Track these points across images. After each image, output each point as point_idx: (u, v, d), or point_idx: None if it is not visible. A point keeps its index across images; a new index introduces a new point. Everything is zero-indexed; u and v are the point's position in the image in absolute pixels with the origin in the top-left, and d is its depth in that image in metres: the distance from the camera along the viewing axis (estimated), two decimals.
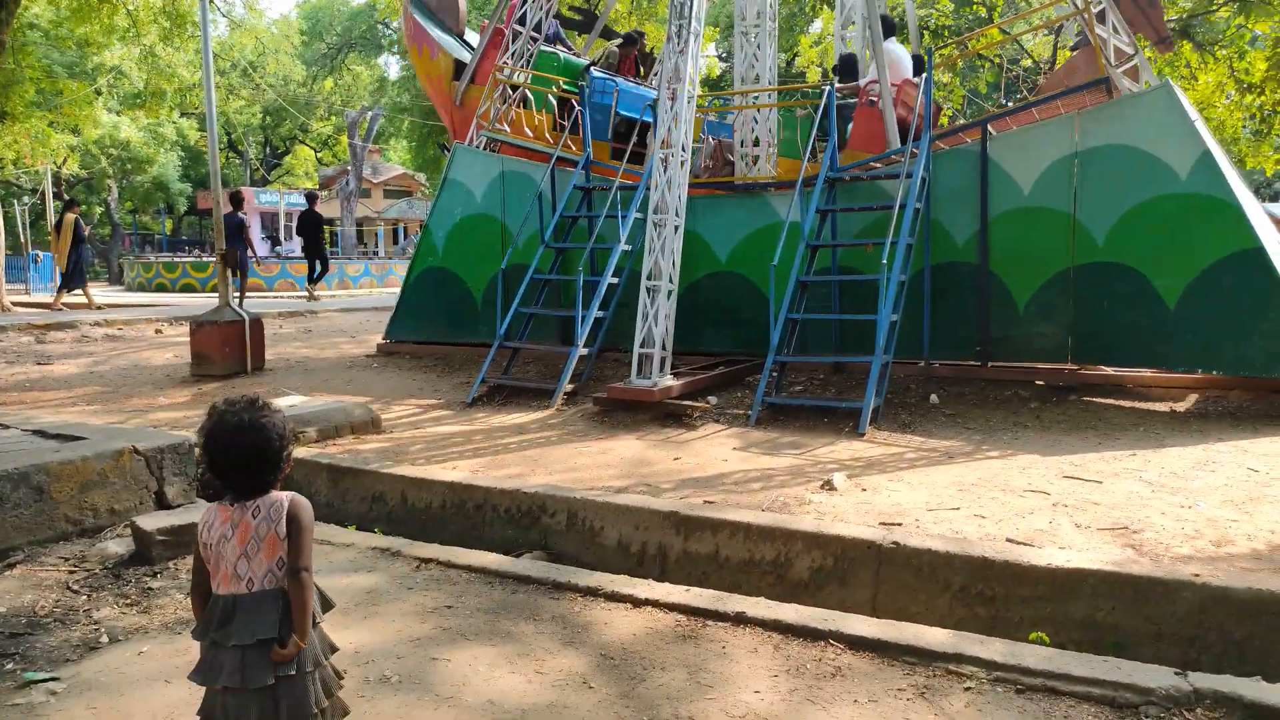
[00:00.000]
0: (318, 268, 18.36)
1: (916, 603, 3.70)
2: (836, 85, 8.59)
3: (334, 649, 2.15)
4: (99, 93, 24.80)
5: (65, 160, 29.98)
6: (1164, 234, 6.64)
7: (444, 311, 9.89)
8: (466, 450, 5.98)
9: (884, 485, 4.81)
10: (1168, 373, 6.86)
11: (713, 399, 7.15)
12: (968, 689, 2.69)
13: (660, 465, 5.47)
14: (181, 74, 21.14)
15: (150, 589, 3.57)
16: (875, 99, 8.56)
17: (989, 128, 7.36)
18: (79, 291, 16.62)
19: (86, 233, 16.76)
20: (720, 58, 35.89)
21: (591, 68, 10.69)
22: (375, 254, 38.31)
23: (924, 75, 7.57)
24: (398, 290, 11.46)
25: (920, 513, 4.29)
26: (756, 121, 8.70)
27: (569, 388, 7.56)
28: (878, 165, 8.04)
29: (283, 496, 2.03)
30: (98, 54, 21.90)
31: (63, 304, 16.36)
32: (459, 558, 3.90)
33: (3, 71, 16.33)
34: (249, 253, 16.60)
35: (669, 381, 7.02)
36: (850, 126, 8.92)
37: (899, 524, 4.12)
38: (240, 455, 1.98)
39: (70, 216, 16.47)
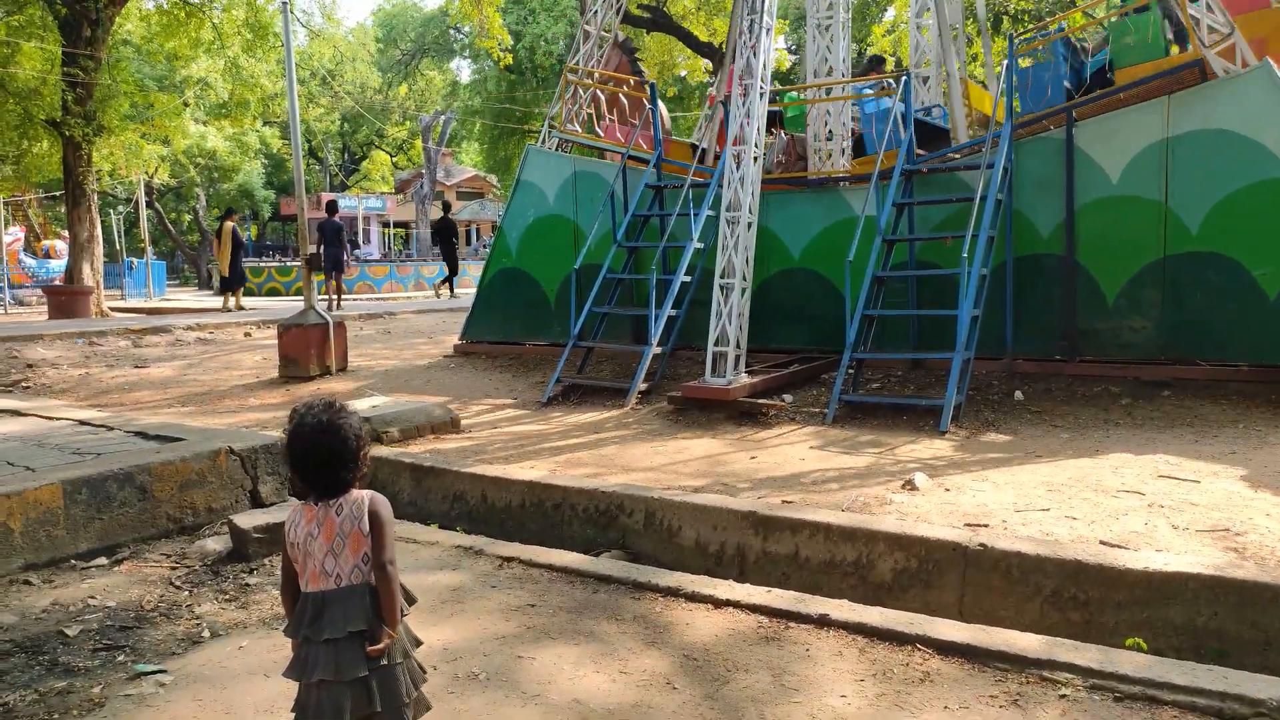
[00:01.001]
0: (447, 270, 19.77)
1: (1006, 607, 3.61)
2: None
3: (418, 643, 2.20)
4: (187, 104, 25.80)
5: (156, 170, 31.27)
6: (1264, 221, 6.34)
7: (518, 312, 10.02)
8: (544, 449, 6.05)
9: (968, 485, 4.70)
10: (1268, 367, 6.54)
11: (788, 397, 7.09)
12: (1062, 696, 2.62)
13: (737, 464, 5.44)
14: (264, 84, 21.89)
15: (248, 585, 3.71)
16: None
17: (1074, 114, 7.12)
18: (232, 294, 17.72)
19: (244, 239, 17.87)
20: (790, 50, 35.54)
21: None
22: None
23: (1004, 63, 7.37)
24: (471, 290, 11.62)
25: (1007, 514, 4.18)
26: (830, 115, 8.58)
27: (643, 386, 7.58)
28: (955, 156, 7.85)
29: (363, 494, 2.11)
30: (185, 66, 22.83)
31: (240, 305, 17.33)
32: (540, 557, 3.95)
33: (100, 86, 17.17)
34: (347, 255, 17.90)
35: (744, 380, 6.98)
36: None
37: (985, 525, 4.02)
38: (319, 455, 2.05)
39: (229, 224, 17.46)
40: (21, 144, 19.68)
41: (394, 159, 51.57)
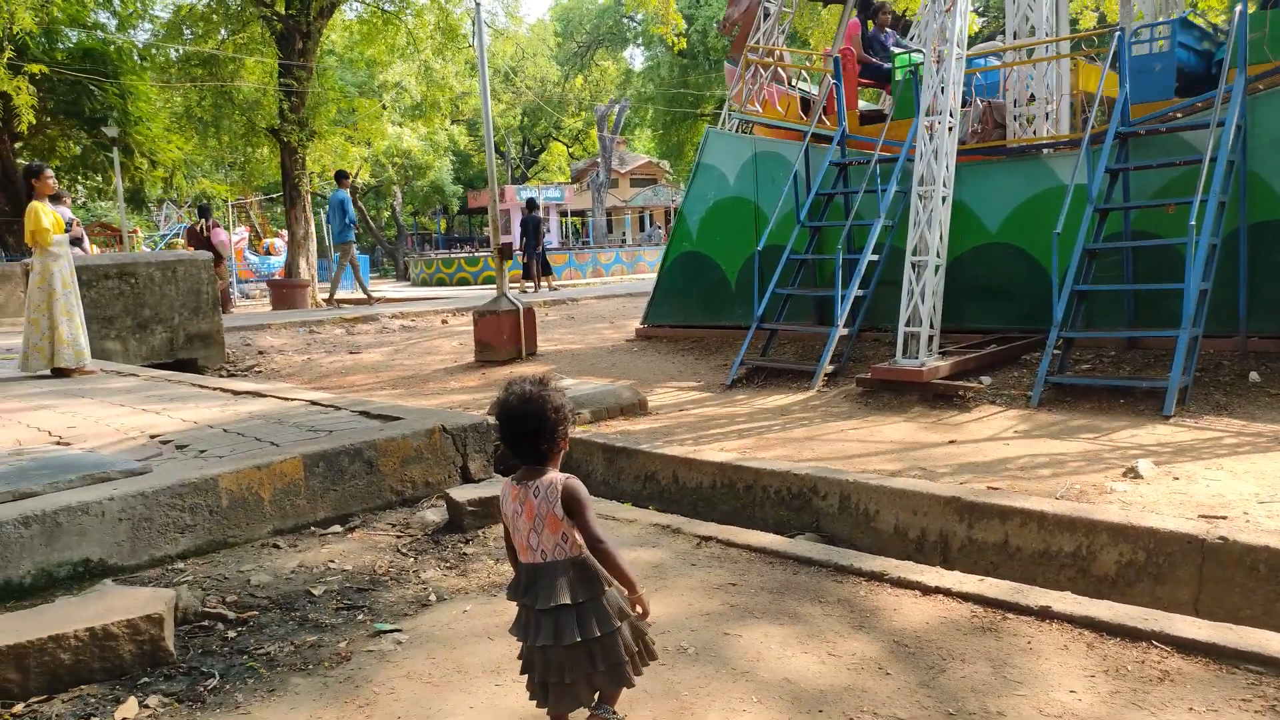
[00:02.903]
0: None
1: (1250, 605, 3.30)
2: None
3: (625, 611, 2.32)
4: (385, 107, 27.57)
5: (359, 170, 33.66)
6: None
7: (699, 295, 10.08)
8: (731, 431, 6.07)
9: (1200, 474, 4.32)
10: None
11: (986, 379, 6.76)
12: None
13: (933, 448, 5.26)
14: (453, 84, 23.05)
15: (465, 554, 3.96)
16: None
17: None
18: (530, 281, 19.89)
19: (544, 232, 20.71)
20: (978, 12, 33.64)
21: None
22: (624, 241, 39.78)
23: (1238, 8, 6.65)
24: (647, 276, 11.81)
25: (1248, 505, 3.81)
26: (1032, 78, 8.05)
27: (829, 369, 7.45)
28: (1177, 115, 7.19)
29: (557, 479, 2.22)
30: (383, 71, 24.43)
31: (552, 287, 19.65)
32: (737, 537, 3.97)
33: (311, 94, 18.68)
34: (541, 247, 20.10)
35: (937, 361, 6.72)
36: None
37: (1223, 517, 3.69)
38: (522, 422, 2.20)
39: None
40: (246, 150, 21.73)
41: (570, 149, 53.03)
